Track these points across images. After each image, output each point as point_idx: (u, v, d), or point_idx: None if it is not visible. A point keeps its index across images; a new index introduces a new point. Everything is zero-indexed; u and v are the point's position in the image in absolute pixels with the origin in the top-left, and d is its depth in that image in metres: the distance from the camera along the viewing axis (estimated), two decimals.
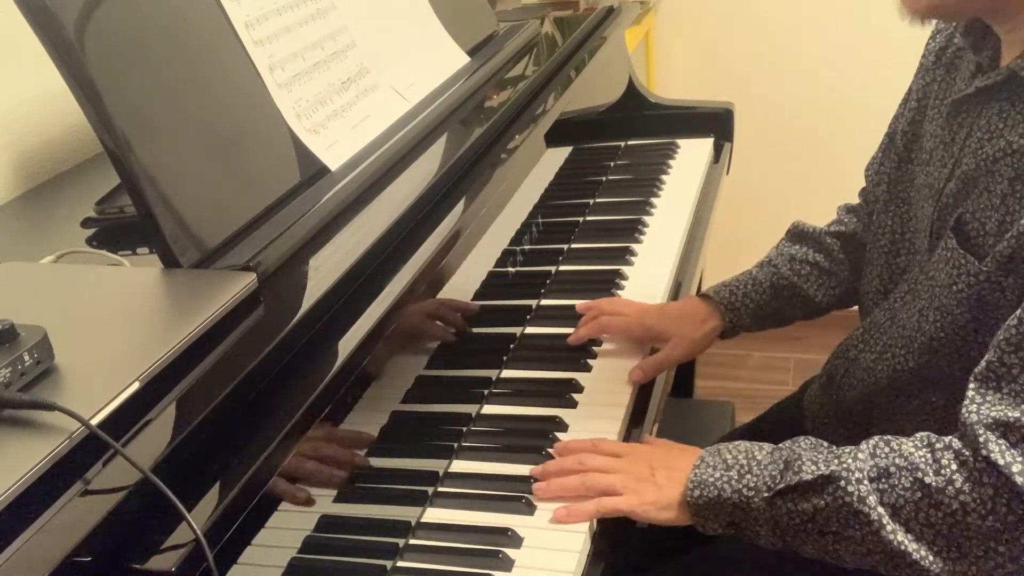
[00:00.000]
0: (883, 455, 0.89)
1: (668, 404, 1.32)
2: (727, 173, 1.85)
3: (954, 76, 1.07)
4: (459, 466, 1.04)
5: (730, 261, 1.78)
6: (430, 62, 1.33)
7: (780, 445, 0.96)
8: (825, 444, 0.95)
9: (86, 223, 1.09)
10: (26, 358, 0.68)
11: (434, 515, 0.98)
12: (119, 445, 0.64)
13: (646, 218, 1.58)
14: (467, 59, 1.40)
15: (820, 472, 0.89)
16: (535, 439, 1.07)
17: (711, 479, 0.94)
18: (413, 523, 0.96)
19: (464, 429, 1.09)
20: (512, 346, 1.25)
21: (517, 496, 0.98)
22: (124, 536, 0.62)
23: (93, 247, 1.02)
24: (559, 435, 1.08)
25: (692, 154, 1.81)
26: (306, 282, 0.89)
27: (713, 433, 1.60)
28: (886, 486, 0.87)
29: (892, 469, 0.87)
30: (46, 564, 0.57)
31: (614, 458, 1.01)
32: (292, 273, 0.89)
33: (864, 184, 1.31)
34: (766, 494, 0.91)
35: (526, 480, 1.01)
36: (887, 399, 1.10)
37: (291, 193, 0.98)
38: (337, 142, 1.06)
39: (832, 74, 2.56)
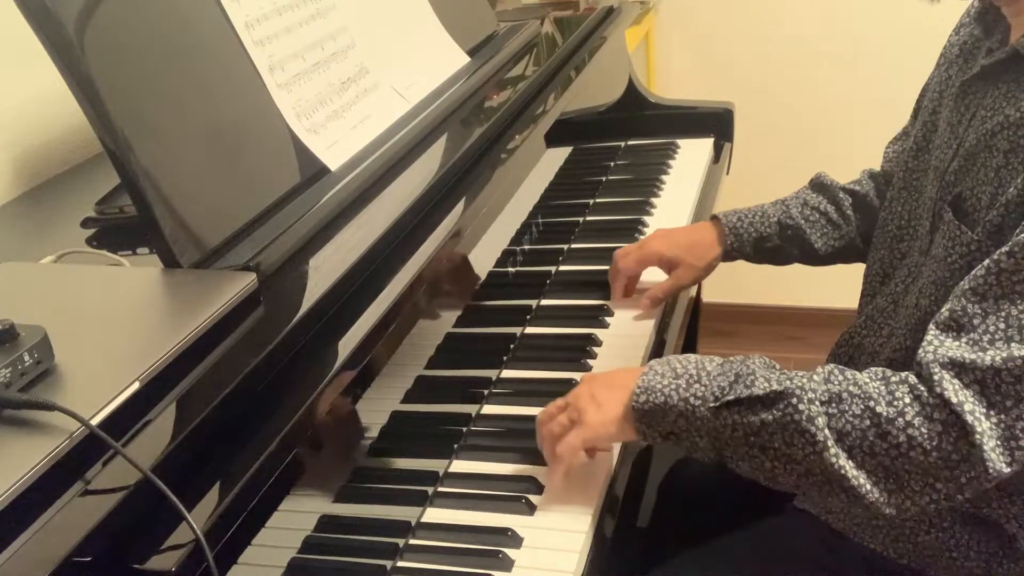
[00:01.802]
0: (837, 382, 0.89)
1: None
2: (727, 173, 1.85)
3: (971, 64, 1.08)
4: (459, 466, 1.04)
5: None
6: (430, 62, 1.33)
7: (731, 358, 0.96)
8: (778, 365, 0.95)
9: (86, 223, 1.09)
10: (26, 358, 0.68)
11: (434, 515, 0.98)
12: (119, 445, 0.64)
13: (646, 218, 1.58)
14: (467, 59, 1.40)
15: (772, 388, 0.89)
16: (535, 439, 1.07)
17: (659, 385, 0.94)
18: (413, 523, 0.96)
19: (464, 429, 1.09)
20: (512, 346, 1.25)
21: (517, 496, 0.98)
22: (124, 536, 0.62)
23: (93, 247, 1.02)
24: None
25: (692, 154, 1.81)
26: (306, 282, 0.89)
27: None
28: (835, 411, 0.87)
29: (844, 395, 0.88)
30: (46, 564, 0.58)
31: (558, 405, 1.02)
32: (292, 273, 0.89)
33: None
34: (712, 404, 0.91)
35: (526, 480, 1.01)
36: None
37: (291, 193, 0.98)
38: (337, 142, 1.07)
39: (832, 74, 2.56)
